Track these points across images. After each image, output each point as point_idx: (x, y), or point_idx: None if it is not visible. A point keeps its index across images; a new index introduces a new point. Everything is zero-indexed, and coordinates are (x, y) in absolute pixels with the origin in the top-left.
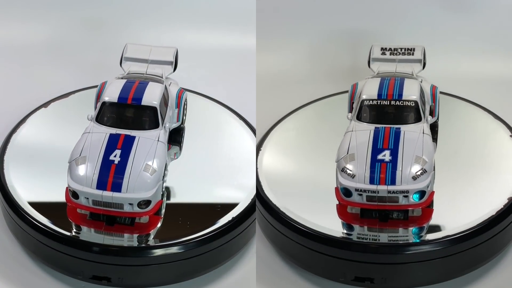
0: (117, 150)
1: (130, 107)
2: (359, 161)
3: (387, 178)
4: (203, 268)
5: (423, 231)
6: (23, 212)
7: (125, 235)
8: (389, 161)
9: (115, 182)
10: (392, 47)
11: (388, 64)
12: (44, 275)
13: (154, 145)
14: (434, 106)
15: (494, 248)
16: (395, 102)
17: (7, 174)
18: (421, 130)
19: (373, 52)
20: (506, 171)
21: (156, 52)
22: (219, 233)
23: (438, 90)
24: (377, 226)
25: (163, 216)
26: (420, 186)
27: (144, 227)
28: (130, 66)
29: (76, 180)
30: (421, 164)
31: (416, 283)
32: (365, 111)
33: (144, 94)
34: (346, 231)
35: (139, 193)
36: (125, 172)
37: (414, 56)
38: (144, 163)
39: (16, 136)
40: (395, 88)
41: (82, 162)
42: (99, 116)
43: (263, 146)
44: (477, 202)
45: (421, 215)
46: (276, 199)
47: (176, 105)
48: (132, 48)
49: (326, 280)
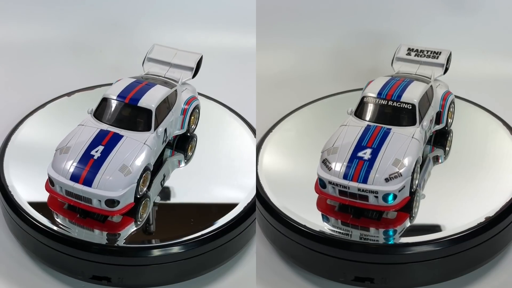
0: (100, 146)
1: (126, 107)
2: (340, 155)
3: (360, 176)
4: (203, 268)
5: (394, 234)
6: (23, 212)
7: (96, 230)
8: (367, 160)
9: (88, 176)
10: (418, 49)
11: (410, 65)
12: (44, 275)
13: (139, 148)
14: (442, 112)
15: (494, 248)
16: (393, 103)
17: (7, 174)
18: (411, 134)
19: (399, 51)
20: (506, 170)
21: (180, 56)
22: (219, 233)
23: (451, 97)
24: (349, 222)
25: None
26: (390, 189)
27: (115, 226)
28: (151, 67)
29: (55, 168)
30: (398, 167)
31: (416, 283)
32: (362, 108)
33: (143, 96)
34: (320, 222)
35: (108, 191)
36: (100, 168)
37: (438, 60)
38: (121, 163)
39: (16, 136)
40: (398, 89)
41: (65, 152)
42: (97, 111)
43: (263, 146)
44: (477, 202)
45: (395, 218)
46: (276, 199)
47: (182, 112)
48: (158, 50)
49: (326, 280)
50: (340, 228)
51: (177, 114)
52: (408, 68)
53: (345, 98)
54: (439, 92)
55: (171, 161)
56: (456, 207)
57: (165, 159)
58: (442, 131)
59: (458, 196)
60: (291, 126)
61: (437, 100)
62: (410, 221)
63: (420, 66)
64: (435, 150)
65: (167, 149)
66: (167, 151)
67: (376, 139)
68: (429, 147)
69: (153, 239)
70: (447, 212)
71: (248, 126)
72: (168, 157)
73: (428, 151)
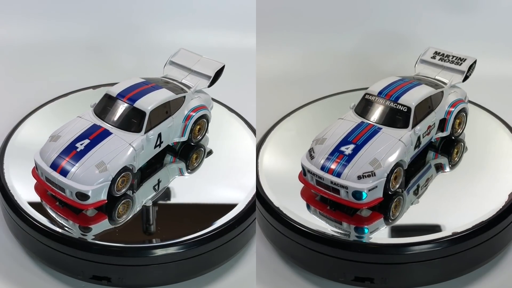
0: (87, 140)
1: (123, 105)
2: (325, 146)
3: (336, 169)
4: (203, 268)
5: (363, 232)
6: (23, 212)
7: (70, 221)
8: (347, 155)
9: (66, 167)
10: (445, 53)
11: (432, 69)
12: (44, 275)
13: (123, 147)
14: (447, 120)
15: (494, 248)
16: (390, 103)
17: (7, 174)
18: (400, 137)
19: (425, 53)
20: (506, 170)
21: (202, 63)
22: (219, 233)
23: (462, 106)
24: (325, 212)
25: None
26: (360, 186)
27: (87, 220)
28: (171, 70)
29: (41, 153)
30: (374, 167)
31: (416, 283)
32: (362, 104)
33: (142, 97)
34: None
35: (80, 184)
36: (79, 161)
37: (460, 67)
38: (100, 160)
39: (16, 136)
40: (400, 90)
41: (54, 140)
42: (96, 106)
43: (263, 146)
44: (477, 202)
45: (368, 216)
46: (276, 199)
47: (185, 119)
48: (182, 54)
49: (326, 280)
50: (340, 228)
51: (178, 120)
52: (429, 71)
53: (345, 98)
54: (449, 99)
55: (170, 167)
56: (456, 207)
57: (164, 165)
58: (451, 140)
59: (458, 196)
60: (291, 126)
61: (444, 106)
62: (385, 222)
63: (442, 71)
64: (439, 158)
65: (168, 155)
66: (168, 157)
67: (363, 136)
68: (433, 153)
69: (153, 239)
70: (447, 212)
71: (248, 126)
72: (168, 163)
73: (431, 157)
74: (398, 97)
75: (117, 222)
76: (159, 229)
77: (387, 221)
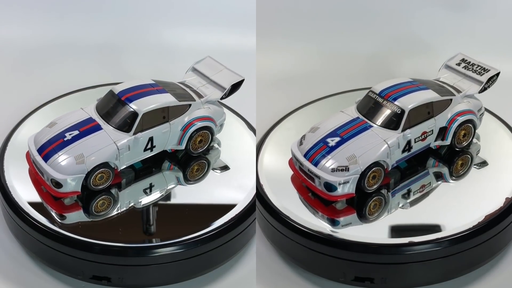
0: (77, 131)
1: (120, 104)
2: (314, 135)
3: (315, 159)
4: (203, 268)
5: (335, 224)
6: (23, 212)
7: (48, 206)
8: (329, 147)
9: (49, 153)
10: (471, 62)
11: (454, 76)
12: (44, 275)
13: (106, 144)
14: (447, 129)
15: (494, 248)
16: (387, 103)
17: (7, 174)
18: (386, 137)
19: (451, 59)
20: (506, 170)
21: (223, 74)
22: (219, 233)
23: (467, 117)
24: (305, 198)
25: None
26: (331, 179)
27: (63, 208)
28: (190, 76)
29: (35, 137)
30: (350, 163)
31: (416, 283)
32: (363, 100)
33: (140, 98)
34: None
35: (55, 172)
36: (62, 150)
37: (481, 77)
38: (80, 152)
39: (16, 136)
40: (401, 92)
41: (50, 126)
42: (100, 101)
43: (263, 146)
44: (477, 202)
45: (341, 210)
46: (276, 199)
47: (184, 127)
48: (206, 62)
49: (326, 280)
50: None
51: (176, 127)
52: (450, 78)
53: (345, 98)
54: (457, 108)
55: (165, 174)
56: (456, 207)
57: (161, 170)
58: (456, 151)
59: (458, 196)
60: (291, 126)
61: (447, 115)
62: (360, 219)
63: (463, 79)
64: (439, 166)
65: (167, 162)
66: (166, 163)
67: (352, 131)
68: (433, 161)
69: (154, 239)
70: (447, 212)
71: (248, 126)
72: (165, 170)
73: (431, 164)
74: (396, 98)
75: (95, 216)
76: (160, 229)
77: (362, 218)
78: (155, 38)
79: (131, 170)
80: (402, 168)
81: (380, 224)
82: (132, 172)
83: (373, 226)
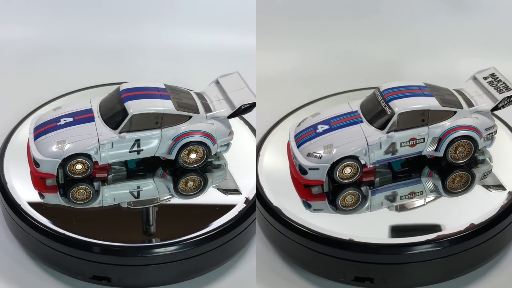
0: (71, 118)
1: (118, 102)
2: (311, 120)
3: (301, 141)
4: (203, 268)
5: (306, 207)
6: (23, 212)
7: (31, 183)
8: (316, 133)
9: (40, 133)
10: (498, 77)
11: (475, 89)
12: (44, 275)
13: (90, 135)
14: (440, 141)
15: (494, 248)
16: (383, 102)
17: (7, 174)
18: (368, 135)
19: (481, 72)
20: (506, 171)
21: (240, 93)
22: (219, 233)
23: (466, 133)
24: (292, 179)
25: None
26: (303, 162)
27: (44, 188)
28: (211, 88)
29: (39, 118)
30: (325, 151)
31: (416, 283)
32: (369, 96)
33: (139, 99)
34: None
35: (36, 151)
36: (51, 133)
37: (499, 95)
38: (64, 138)
39: (16, 136)
40: (402, 94)
41: (54, 110)
42: (105, 96)
43: (263, 146)
44: (477, 201)
45: (315, 194)
46: (276, 199)
47: (175, 138)
48: (231, 78)
49: (326, 280)
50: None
51: (168, 136)
52: (471, 90)
53: (346, 98)
54: (458, 122)
55: (155, 180)
56: (456, 207)
57: (152, 176)
58: (454, 165)
59: (458, 196)
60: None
61: (444, 126)
62: (332, 208)
63: (484, 94)
64: (433, 177)
65: (161, 169)
66: (159, 170)
67: (342, 123)
68: (428, 171)
69: (153, 239)
70: (447, 212)
71: (248, 126)
72: (157, 177)
73: (426, 173)
74: (393, 99)
75: (73, 203)
76: (159, 229)
77: (333, 207)
78: (155, 38)
79: (124, 169)
80: (395, 170)
81: (380, 224)
82: (124, 171)
83: (372, 226)
